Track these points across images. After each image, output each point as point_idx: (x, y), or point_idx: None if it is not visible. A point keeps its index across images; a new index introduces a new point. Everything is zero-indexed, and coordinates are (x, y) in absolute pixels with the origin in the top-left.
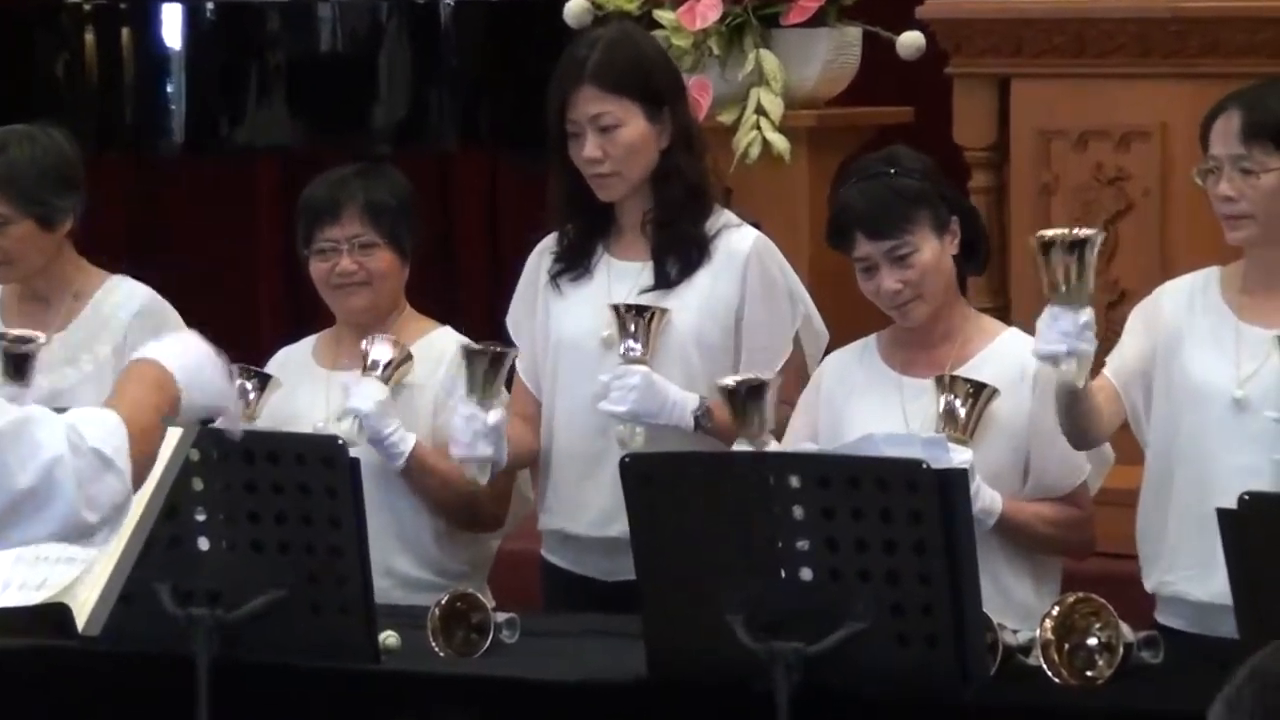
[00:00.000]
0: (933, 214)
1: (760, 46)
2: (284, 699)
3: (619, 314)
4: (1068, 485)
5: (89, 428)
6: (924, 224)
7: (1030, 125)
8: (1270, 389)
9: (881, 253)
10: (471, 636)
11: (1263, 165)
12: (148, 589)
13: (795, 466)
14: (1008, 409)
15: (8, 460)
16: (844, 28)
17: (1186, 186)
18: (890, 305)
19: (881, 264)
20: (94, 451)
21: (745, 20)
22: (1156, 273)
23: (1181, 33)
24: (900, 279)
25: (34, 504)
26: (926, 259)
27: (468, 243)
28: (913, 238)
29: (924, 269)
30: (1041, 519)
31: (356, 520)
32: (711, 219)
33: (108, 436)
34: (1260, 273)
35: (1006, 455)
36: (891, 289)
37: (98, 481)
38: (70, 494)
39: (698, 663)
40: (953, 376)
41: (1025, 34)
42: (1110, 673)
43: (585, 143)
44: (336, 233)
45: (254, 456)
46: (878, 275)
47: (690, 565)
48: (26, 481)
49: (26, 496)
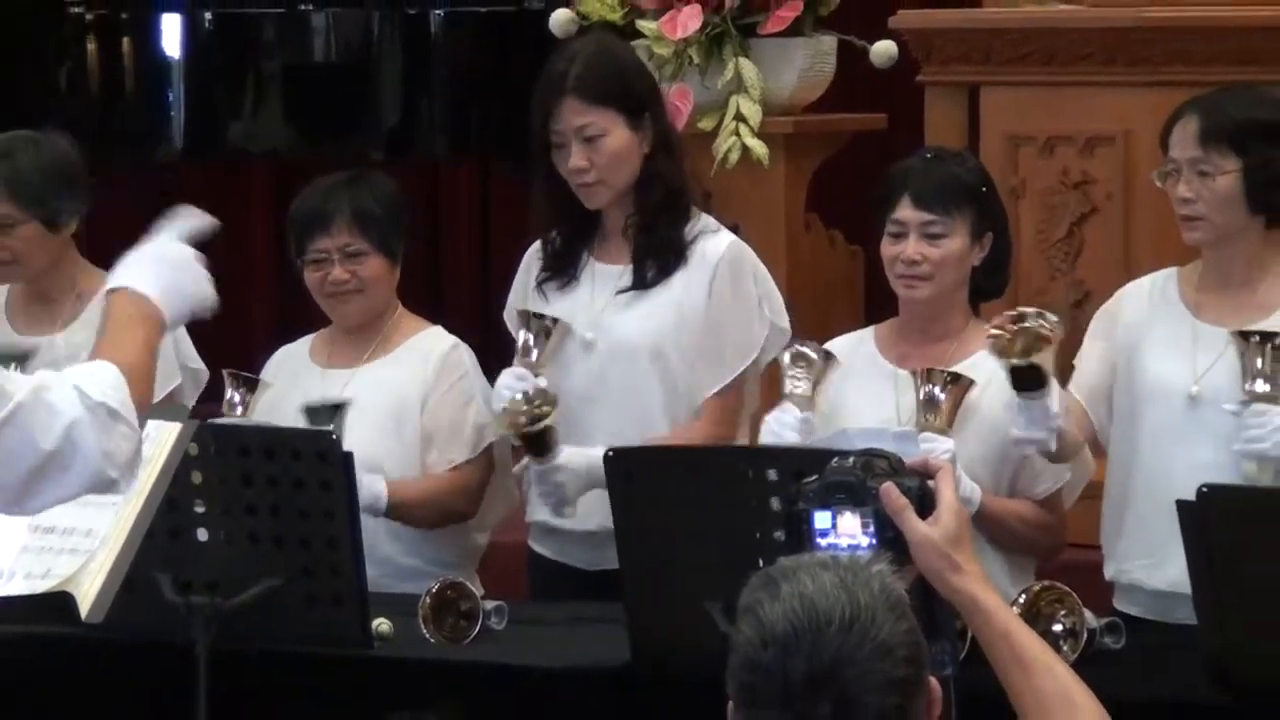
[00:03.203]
0: (975, 216)
1: (739, 55)
2: (280, 685)
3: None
4: (1045, 490)
5: (93, 385)
6: (964, 218)
7: (999, 131)
8: (1225, 384)
9: (918, 222)
10: (461, 623)
11: (1219, 168)
12: (148, 578)
13: (772, 460)
14: (995, 407)
15: (31, 428)
16: (819, 37)
17: (1149, 191)
18: (902, 273)
19: (912, 233)
20: (104, 408)
21: (724, 30)
22: (1120, 273)
23: (1145, 42)
24: (923, 252)
25: (59, 465)
26: (953, 248)
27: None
28: (951, 222)
29: (946, 254)
30: (1018, 517)
31: (350, 512)
32: (690, 224)
33: (112, 392)
34: (1215, 272)
35: (986, 449)
36: (912, 257)
37: (111, 436)
38: (91, 452)
39: (679, 649)
40: (930, 369)
41: (994, 43)
42: (1075, 657)
43: (570, 153)
44: (327, 243)
45: (250, 451)
46: (904, 242)
47: (671, 555)
48: (50, 445)
49: (51, 459)
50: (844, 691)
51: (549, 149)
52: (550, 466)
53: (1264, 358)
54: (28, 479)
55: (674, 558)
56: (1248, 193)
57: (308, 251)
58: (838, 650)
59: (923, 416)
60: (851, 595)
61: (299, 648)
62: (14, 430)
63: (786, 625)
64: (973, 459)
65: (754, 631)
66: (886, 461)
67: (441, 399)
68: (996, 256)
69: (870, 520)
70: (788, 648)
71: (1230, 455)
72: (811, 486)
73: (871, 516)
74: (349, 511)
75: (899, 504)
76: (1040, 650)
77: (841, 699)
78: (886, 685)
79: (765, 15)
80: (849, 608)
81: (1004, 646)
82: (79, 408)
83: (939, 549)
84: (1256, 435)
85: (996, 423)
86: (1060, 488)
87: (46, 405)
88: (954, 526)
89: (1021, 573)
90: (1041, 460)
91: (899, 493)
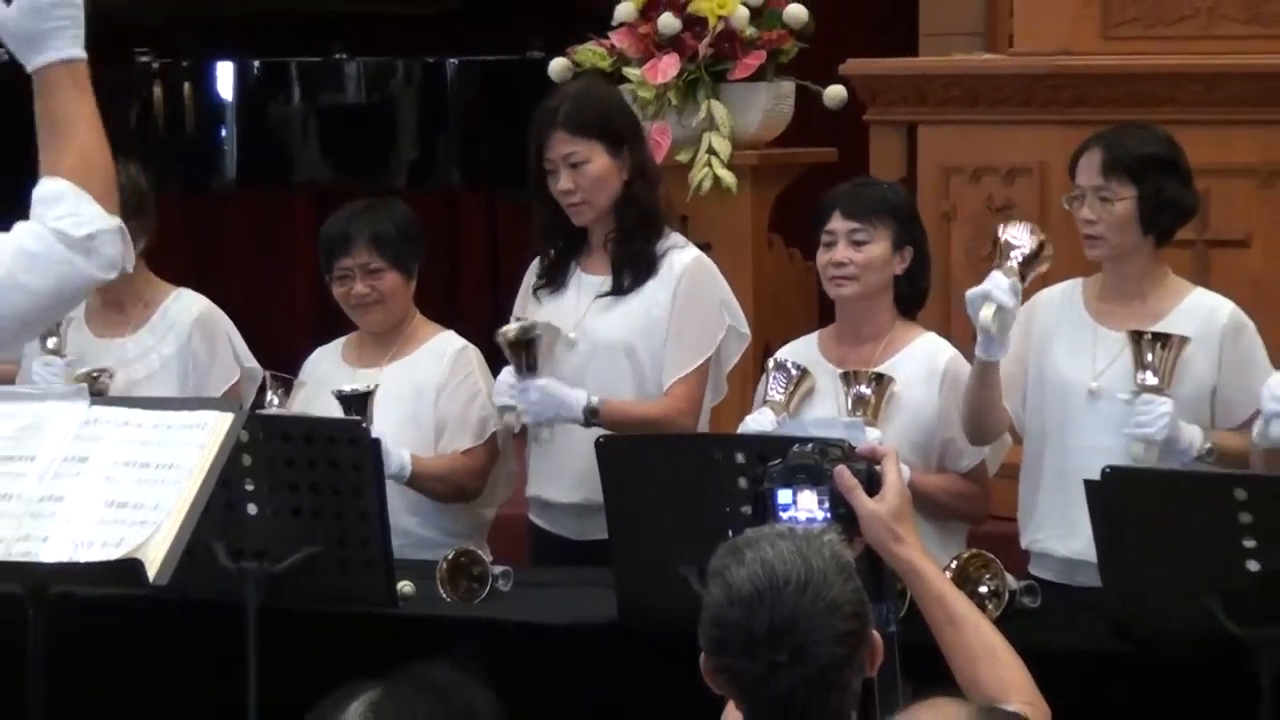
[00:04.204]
0: (896, 229)
1: (711, 98)
2: (318, 638)
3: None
4: (969, 464)
5: (63, 220)
6: (886, 229)
7: (933, 163)
8: (1120, 381)
9: (845, 230)
10: (473, 585)
11: (1118, 194)
12: (206, 546)
13: (740, 446)
14: (918, 398)
15: (29, 284)
16: (780, 82)
17: (1060, 214)
18: (832, 275)
19: (841, 240)
20: (79, 237)
21: (698, 76)
22: (1035, 283)
23: (1056, 87)
24: (849, 256)
25: (61, 302)
26: (875, 253)
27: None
28: (874, 230)
29: (870, 258)
30: (944, 490)
31: (377, 489)
32: (662, 240)
33: (78, 213)
34: (1113, 284)
35: (914, 435)
36: (840, 259)
37: (96, 252)
38: (83, 275)
39: (659, 608)
40: (855, 371)
41: (928, 88)
42: (998, 614)
43: (560, 177)
44: (349, 262)
45: (292, 437)
46: (834, 249)
47: (652, 527)
48: (49, 286)
49: (53, 297)
50: (799, 642)
51: (543, 175)
52: (528, 383)
53: (1153, 355)
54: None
55: (655, 530)
56: (1141, 217)
57: (334, 269)
58: (794, 607)
59: (852, 409)
60: (806, 560)
61: (334, 606)
62: (13, 293)
63: (750, 586)
64: (902, 445)
65: (722, 592)
66: (840, 448)
67: (452, 393)
68: (916, 268)
69: (826, 498)
70: (751, 605)
71: (1124, 441)
72: (776, 469)
73: (827, 494)
74: (376, 489)
75: (850, 483)
76: (968, 610)
77: (797, 648)
78: (835, 637)
79: (733, 63)
80: (804, 571)
81: (938, 607)
82: (61, 247)
83: (884, 523)
84: (1144, 421)
85: (919, 411)
86: (982, 461)
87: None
88: (897, 504)
89: (952, 542)
90: (963, 441)
91: (850, 474)
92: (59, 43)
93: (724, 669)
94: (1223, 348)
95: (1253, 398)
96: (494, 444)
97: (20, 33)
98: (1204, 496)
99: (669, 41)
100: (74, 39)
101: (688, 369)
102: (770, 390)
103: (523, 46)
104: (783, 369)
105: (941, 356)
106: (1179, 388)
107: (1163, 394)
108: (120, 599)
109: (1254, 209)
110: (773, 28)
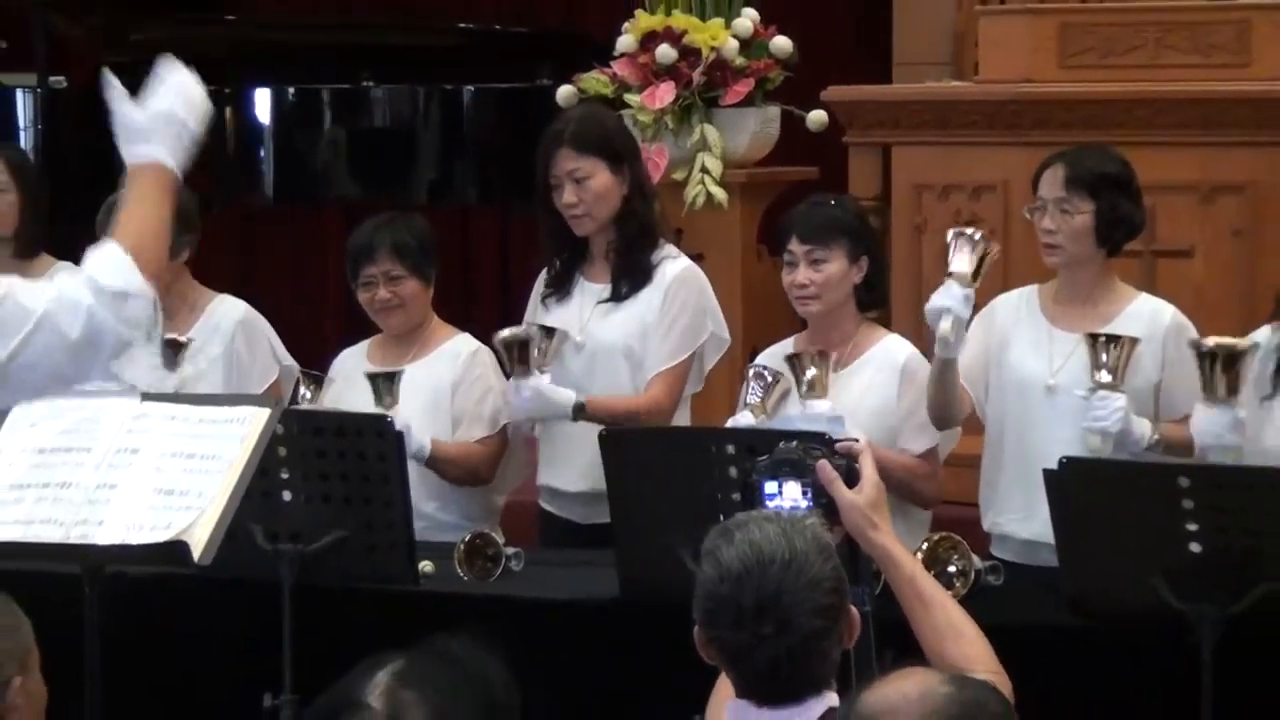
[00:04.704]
0: (850, 244)
1: (704, 122)
2: (347, 613)
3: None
4: (922, 449)
5: (104, 272)
6: (841, 247)
7: (906, 181)
8: (1074, 377)
9: (803, 253)
10: (488, 565)
11: (1077, 208)
12: (245, 530)
13: (730, 439)
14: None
15: (59, 325)
16: (767, 108)
17: (1021, 226)
18: (796, 295)
19: (801, 262)
20: (112, 292)
21: (693, 102)
22: (999, 287)
23: (1017, 112)
24: (809, 277)
25: (91, 345)
26: (832, 270)
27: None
28: (829, 251)
29: (829, 277)
30: (902, 466)
31: (400, 478)
32: (658, 251)
33: (118, 272)
34: (1068, 289)
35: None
36: (801, 281)
37: (125, 311)
38: (111, 328)
39: (657, 585)
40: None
41: (902, 113)
42: (965, 592)
43: (564, 191)
44: (373, 270)
45: (323, 430)
46: (796, 270)
47: (651, 512)
48: (76, 334)
49: (82, 345)
50: (783, 615)
51: (549, 189)
52: (520, 382)
53: (1107, 354)
54: (71, 363)
55: (653, 514)
56: (1097, 230)
57: (359, 276)
58: (778, 584)
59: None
60: (790, 542)
61: (361, 584)
62: (44, 333)
63: (739, 565)
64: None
65: (714, 570)
66: (821, 446)
67: (468, 389)
68: (873, 274)
69: (808, 489)
70: (740, 582)
71: (1078, 432)
72: (764, 462)
73: (810, 486)
74: (400, 477)
75: (831, 476)
76: (935, 590)
77: (781, 621)
78: (816, 610)
79: (724, 90)
80: (788, 551)
81: (909, 588)
82: (91, 295)
83: (862, 512)
84: (1100, 415)
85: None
86: (935, 446)
87: (69, 304)
88: (873, 495)
89: (919, 528)
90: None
91: (831, 468)
92: (159, 150)
93: (715, 639)
94: (1165, 347)
95: (1192, 392)
96: (504, 435)
97: (136, 130)
98: (1151, 484)
99: (666, 70)
100: (172, 152)
101: (669, 364)
102: (749, 395)
103: (532, 75)
104: (760, 376)
105: (901, 355)
106: (1129, 384)
107: (1117, 390)
108: (168, 578)
109: (1196, 223)
110: (760, 58)
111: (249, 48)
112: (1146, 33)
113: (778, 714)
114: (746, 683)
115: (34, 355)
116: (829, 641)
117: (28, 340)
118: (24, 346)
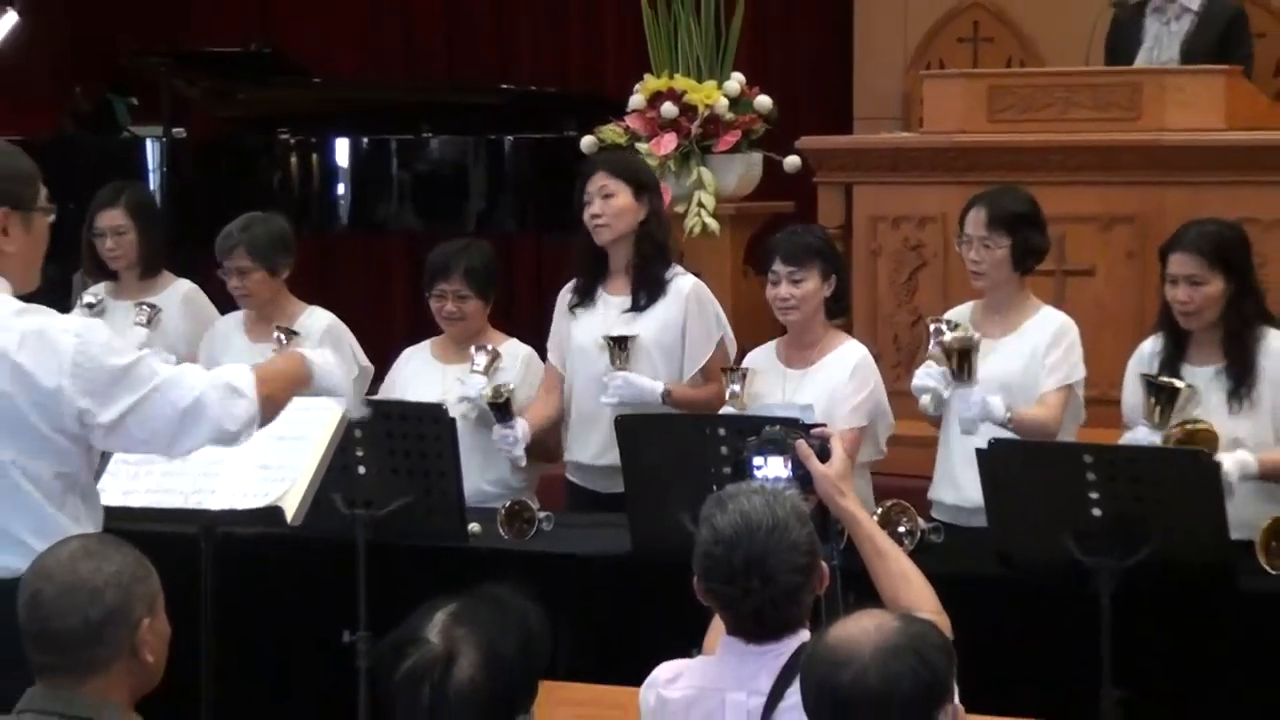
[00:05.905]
0: (822, 265)
1: (700, 165)
2: (409, 565)
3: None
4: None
5: (227, 374)
6: (815, 268)
7: (865, 213)
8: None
9: (785, 272)
10: (524, 526)
11: (997, 243)
12: (328, 497)
13: (723, 423)
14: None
15: (171, 395)
16: (752, 154)
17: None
18: (779, 307)
19: (783, 280)
20: (227, 385)
21: (691, 149)
22: (940, 304)
23: (955, 157)
24: (790, 292)
25: (192, 419)
26: (809, 287)
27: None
28: (806, 271)
29: (806, 292)
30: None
31: (453, 456)
32: (670, 269)
33: (239, 378)
34: (991, 304)
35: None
36: (784, 295)
37: (230, 404)
38: (214, 412)
39: (663, 544)
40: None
41: (862, 158)
42: (912, 547)
43: (592, 205)
44: (445, 286)
45: (391, 416)
46: (779, 286)
47: (658, 484)
48: (184, 405)
49: (186, 415)
50: (767, 572)
51: (582, 208)
52: (508, 429)
53: (954, 363)
54: (174, 430)
55: (660, 485)
56: (1013, 259)
57: (433, 288)
58: (764, 546)
59: None
60: (773, 511)
61: (422, 542)
62: (160, 395)
63: (731, 530)
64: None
65: (710, 533)
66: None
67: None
68: (839, 290)
69: (790, 463)
70: (731, 544)
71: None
72: (752, 441)
73: (790, 461)
74: (452, 455)
75: (807, 452)
76: (890, 546)
77: (765, 577)
78: (794, 568)
79: (717, 140)
80: (771, 519)
81: (869, 544)
82: (206, 385)
83: (832, 482)
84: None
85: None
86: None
87: (182, 382)
88: (842, 469)
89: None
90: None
91: (808, 446)
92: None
93: (710, 590)
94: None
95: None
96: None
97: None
98: (1061, 461)
99: (669, 124)
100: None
101: (703, 360)
102: (729, 389)
103: (561, 127)
104: (741, 376)
105: (854, 356)
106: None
107: (968, 386)
108: (266, 537)
109: (1098, 247)
110: (746, 113)
111: (330, 105)
112: (1057, 93)
113: (762, 649)
114: (736, 625)
115: (146, 412)
116: (804, 592)
117: (146, 398)
118: (142, 403)
